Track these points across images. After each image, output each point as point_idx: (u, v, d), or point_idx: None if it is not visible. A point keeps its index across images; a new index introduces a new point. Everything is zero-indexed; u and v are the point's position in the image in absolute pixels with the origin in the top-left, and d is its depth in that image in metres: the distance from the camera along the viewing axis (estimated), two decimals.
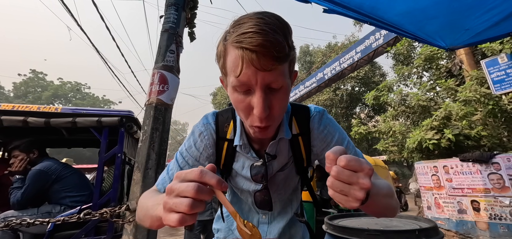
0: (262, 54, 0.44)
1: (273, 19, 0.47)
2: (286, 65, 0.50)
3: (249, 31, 0.44)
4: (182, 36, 2.03)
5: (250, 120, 0.53)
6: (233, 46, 0.47)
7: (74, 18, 4.27)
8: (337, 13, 1.70)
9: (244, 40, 0.44)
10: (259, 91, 0.48)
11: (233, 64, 0.48)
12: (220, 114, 0.75)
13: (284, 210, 0.79)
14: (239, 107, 0.52)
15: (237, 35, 0.46)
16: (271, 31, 0.44)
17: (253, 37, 0.44)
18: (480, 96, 4.93)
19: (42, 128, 2.09)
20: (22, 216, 1.87)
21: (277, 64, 0.46)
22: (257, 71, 0.46)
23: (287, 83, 0.51)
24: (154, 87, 1.79)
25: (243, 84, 0.48)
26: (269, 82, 0.48)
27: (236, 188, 0.78)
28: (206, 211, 3.19)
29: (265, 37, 0.43)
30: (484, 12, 1.57)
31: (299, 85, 11.76)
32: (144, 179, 1.64)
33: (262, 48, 0.44)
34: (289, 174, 0.73)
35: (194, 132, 0.73)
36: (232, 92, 0.52)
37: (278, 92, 0.50)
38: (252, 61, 0.44)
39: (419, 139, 5.03)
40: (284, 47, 0.46)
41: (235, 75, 0.48)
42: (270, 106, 0.50)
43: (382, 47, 7.66)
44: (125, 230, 1.65)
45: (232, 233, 0.80)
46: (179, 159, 0.70)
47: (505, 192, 3.08)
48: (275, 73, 0.47)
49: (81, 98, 28.48)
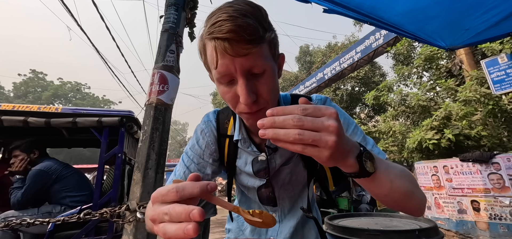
0: (234, 40, 0.43)
1: (243, 5, 0.46)
2: (264, 47, 0.48)
3: (218, 20, 0.44)
4: (182, 36, 2.03)
5: (239, 108, 0.52)
6: (207, 39, 0.47)
7: (74, 18, 4.27)
8: (337, 13, 1.70)
9: (214, 30, 0.44)
10: (241, 78, 0.47)
11: (211, 57, 0.48)
12: (221, 112, 0.75)
13: (295, 208, 0.75)
14: (227, 98, 0.52)
15: (208, 27, 0.46)
16: (240, 16, 0.44)
17: (222, 25, 0.43)
18: (480, 96, 4.93)
19: (43, 128, 2.09)
20: (23, 216, 1.87)
21: (251, 46, 0.45)
22: (233, 59, 0.45)
23: (271, 65, 0.50)
24: (154, 87, 1.79)
25: (223, 75, 0.48)
26: (249, 67, 0.46)
27: (242, 186, 0.76)
28: (210, 209, 3.17)
29: (234, 22, 0.43)
30: (484, 12, 1.57)
31: (299, 85, 11.76)
32: (144, 179, 1.64)
33: (232, 33, 0.43)
34: (295, 169, 0.70)
35: (196, 131, 0.73)
36: (218, 85, 0.52)
37: (262, 77, 0.49)
38: (226, 49, 0.44)
39: (419, 139, 5.03)
40: (256, 29, 0.45)
41: (214, 67, 0.48)
42: (256, 91, 0.49)
43: (382, 47, 7.65)
44: (125, 230, 1.65)
45: (242, 233, 0.79)
46: (185, 159, 0.70)
47: (505, 192, 3.09)
48: (252, 57, 0.46)
49: (81, 98, 28.45)
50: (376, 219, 1.62)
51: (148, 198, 1.60)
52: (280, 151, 0.66)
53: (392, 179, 0.46)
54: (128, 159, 2.53)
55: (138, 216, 1.57)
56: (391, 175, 0.46)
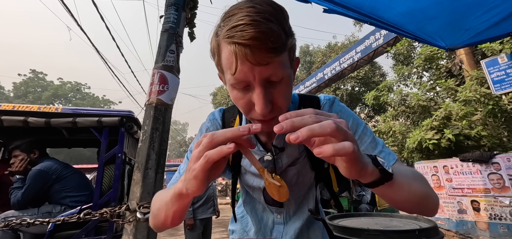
0: (256, 48, 0.40)
1: (265, 6, 0.43)
2: (285, 55, 0.46)
3: (240, 24, 0.40)
4: (182, 36, 2.03)
5: (252, 115, 0.50)
6: (225, 41, 0.43)
7: (74, 18, 4.27)
8: (337, 13, 1.70)
9: (235, 34, 0.41)
10: (258, 87, 0.44)
11: (227, 61, 0.45)
12: (227, 111, 0.73)
13: (300, 209, 0.74)
14: (240, 104, 0.50)
15: (228, 29, 0.42)
16: (264, 21, 0.40)
17: (245, 30, 0.40)
18: (480, 96, 4.93)
19: (43, 128, 2.09)
20: (23, 216, 1.87)
21: (273, 56, 0.42)
22: (253, 67, 0.42)
23: (288, 73, 0.47)
24: (154, 87, 1.79)
25: (240, 81, 0.45)
26: (268, 76, 0.44)
27: (247, 186, 0.75)
28: (209, 208, 3.17)
29: (257, 29, 0.39)
30: (484, 12, 1.57)
31: (299, 85, 11.76)
32: (144, 179, 1.64)
33: (255, 41, 0.39)
34: (301, 170, 0.68)
35: (201, 129, 0.73)
36: (231, 90, 0.49)
37: (279, 85, 0.47)
38: (247, 56, 0.41)
39: (419, 139, 5.03)
40: (280, 36, 0.42)
41: (231, 72, 0.45)
42: (272, 100, 0.47)
43: (382, 47, 7.65)
44: (125, 230, 1.65)
45: (247, 234, 0.78)
46: (190, 157, 0.69)
47: (505, 192, 3.09)
48: (273, 66, 0.43)
49: (81, 98, 28.45)
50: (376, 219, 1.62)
51: (148, 198, 1.60)
52: (287, 151, 0.64)
53: (409, 183, 0.46)
54: (128, 159, 2.53)
55: (138, 216, 1.56)
56: (408, 179, 0.46)
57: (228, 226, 0.89)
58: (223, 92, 20.07)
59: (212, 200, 3.23)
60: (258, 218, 0.76)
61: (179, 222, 0.53)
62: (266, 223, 0.75)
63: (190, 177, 0.39)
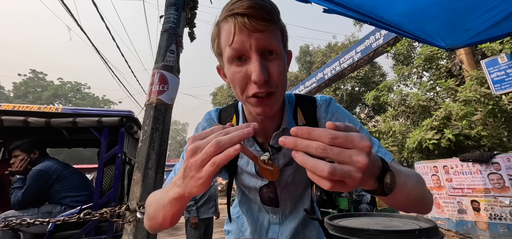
0: (253, 16, 0.46)
1: None
2: (278, 32, 0.51)
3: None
4: (182, 36, 2.03)
5: (249, 90, 0.50)
6: (225, 18, 0.49)
7: (74, 18, 4.27)
8: (337, 13, 1.70)
9: (234, 7, 0.47)
10: (255, 54, 0.48)
11: (226, 35, 0.49)
12: (224, 110, 0.74)
13: (296, 209, 0.74)
14: (237, 79, 0.50)
15: (229, 5, 0.49)
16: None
17: (242, 2, 0.46)
18: (480, 96, 4.93)
19: (43, 128, 2.09)
20: (23, 216, 1.87)
21: (268, 25, 0.47)
22: (250, 34, 0.47)
23: (282, 51, 0.52)
24: (154, 87, 1.79)
25: (238, 51, 0.48)
26: (264, 45, 0.48)
27: (243, 186, 0.75)
28: (210, 208, 3.17)
29: (253, 1, 0.46)
30: (484, 12, 1.57)
31: (299, 85, 11.76)
32: (144, 179, 1.64)
33: (252, 9, 0.46)
34: (297, 170, 0.68)
35: (197, 128, 0.72)
36: (229, 67, 0.51)
37: (275, 58, 0.50)
38: (245, 24, 0.46)
39: (419, 139, 5.03)
40: (272, 11, 0.48)
41: (229, 44, 0.48)
42: (268, 71, 0.49)
43: (382, 47, 7.65)
44: (125, 230, 1.65)
45: (242, 234, 0.78)
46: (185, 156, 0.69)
47: (505, 192, 3.09)
48: (268, 36, 0.48)
49: (81, 98, 28.45)
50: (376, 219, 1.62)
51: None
52: (284, 151, 0.65)
53: (409, 190, 0.47)
54: (128, 159, 2.53)
55: (138, 216, 1.57)
56: (408, 185, 0.46)
57: None
58: (223, 92, 20.06)
59: (214, 200, 3.24)
60: (254, 218, 0.77)
61: (177, 222, 0.53)
62: (262, 223, 0.76)
63: (196, 184, 0.38)
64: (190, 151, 0.38)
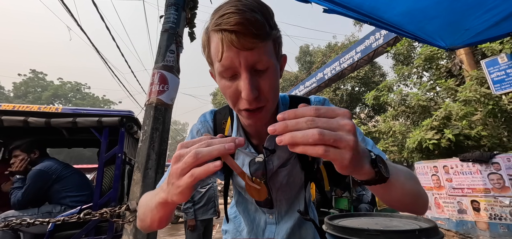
0: (241, 33, 0.43)
1: (251, 0, 0.46)
2: (269, 44, 0.48)
3: (227, 12, 0.44)
4: (182, 36, 2.03)
5: (239, 105, 0.51)
6: (213, 31, 0.46)
7: (74, 18, 4.27)
8: (337, 13, 1.70)
9: (221, 22, 0.44)
10: (244, 72, 0.46)
11: (215, 49, 0.47)
12: (218, 112, 0.74)
13: (292, 209, 0.75)
14: (227, 94, 0.51)
15: (215, 19, 0.46)
16: (249, 10, 0.44)
17: (231, 17, 0.43)
18: (480, 96, 4.93)
19: (43, 128, 2.09)
20: (23, 216, 1.87)
21: (257, 41, 0.44)
22: (239, 52, 0.44)
23: (274, 63, 0.49)
24: (154, 87, 1.79)
25: (227, 68, 0.47)
26: (253, 62, 0.46)
27: (239, 187, 0.76)
28: (209, 209, 3.16)
29: (242, 16, 0.43)
30: (484, 12, 1.57)
31: (299, 85, 11.76)
32: (144, 179, 1.64)
33: (240, 26, 0.43)
34: (292, 170, 0.69)
35: (192, 131, 0.72)
36: (220, 80, 0.51)
37: (265, 73, 0.48)
38: (232, 42, 0.43)
39: (419, 139, 5.03)
40: (263, 25, 0.45)
41: (218, 60, 0.47)
42: (258, 87, 0.48)
43: (382, 47, 7.66)
44: (125, 230, 1.65)
45: (239, 234, 0.79)
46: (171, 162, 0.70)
47: (505, 192, 3.09)
48: (257, 52, 0.45)
49: (81, 98, 28.47)
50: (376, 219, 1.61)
51: None
52: (278, 153, 0.65)
53: (403, 182, 0.47)
54: (128, 159, 2.53)
55: None
56: (402, 178, 0.46)
57: None
58: None
59: (213, 201, 3.22)
60: (250, 218, 0.78)
61: (167, 224, 0.54)
62: (259, 223, 0.76)
63: (175, 192, 0.39)
64: (174, 158, 0.38)
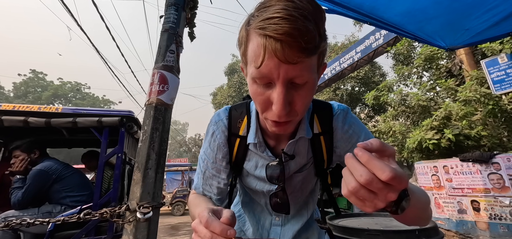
0: (288, 44, 0.38)
1: (305, 2, 0.40)
2: (315, 58, 0.44)
3: (275, 16, 0.38)
4: (182, 36, 2.03)
5: (268, 114, 0.48)
6: (256, 32, 0.41)
7: (74, 18, 4.27)
8: (337, 13, 1.70)
9: (268, 27, 0.38)
10: (280, 86, 0.42)
11: (254, 53, 0.42)
12: (234, 109, 0.70)
13: (299, 213, 0.74)
14: (257, 100, 0.47)
15: (261, 20, 0.40)
16: (301, 18, 0.38)
17: (279, 23, 0.37)
18: (480, 96, 4.93)
19: (43, 128, 2.09)
20: (23, 216, 1.87)
21: (304, 56, 0.40)
22: (280, 64, 0.40)
23: (314, 78, 0.45)
24: (154, 87, 1.79)
25: (263, 76, 0.43)
26: (293, 76, 0.42)
27: (248, 188, 0.74)
28: None
29: (293, 25, 0.37)
30: (484, 12, 1.57)
31: None
32: (144, 179, 1.64)
33: (288, 37, 0.37)
34: (307, 176, 0.68)
35: (208, 132, 0.70)
36: (251, 83, 0.47)
37: (301, 88, 0.44)
38: (276, 52, 0.39)
39: (419, 139, 5.03)
40: (314, 37, 0.40)
41: (255, 65, 0.42)
42: (292, 102, 0.45)
43: (382, 47, 7.65)
44: (125, 230, 1.64)
45: (244, 234, 0.78)
46: (201, 164, 0.69)
47: (505, 192, 3.09)
48: (300, 67, 0.41)
49: (81, 98, 28.45)
50: (376, 219, 1.62)
51: (148, 198, 1.60)
52: (297, 159, 0.64)
53: (418, 209, 0.46)
54: (128, 159, 2.53)
55: (138, 216, 1.56)
56: (418, 205, 0.46)
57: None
58: (223, 92, 20.04)
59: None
60: (256, 218, 0.77)
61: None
62: (264, 224, 0.76)
63: None
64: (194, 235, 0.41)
